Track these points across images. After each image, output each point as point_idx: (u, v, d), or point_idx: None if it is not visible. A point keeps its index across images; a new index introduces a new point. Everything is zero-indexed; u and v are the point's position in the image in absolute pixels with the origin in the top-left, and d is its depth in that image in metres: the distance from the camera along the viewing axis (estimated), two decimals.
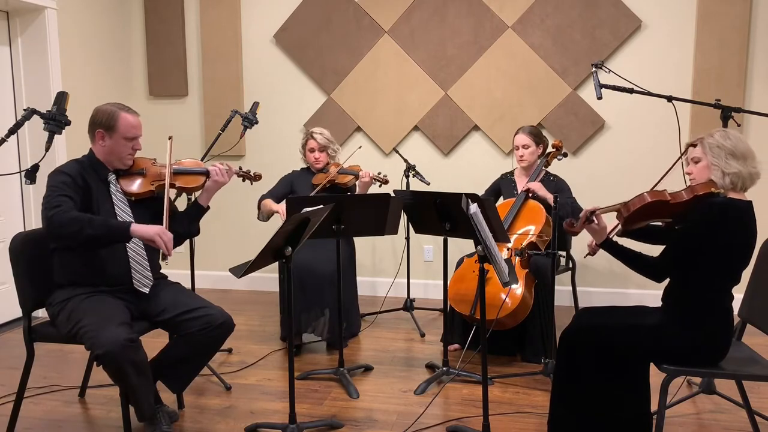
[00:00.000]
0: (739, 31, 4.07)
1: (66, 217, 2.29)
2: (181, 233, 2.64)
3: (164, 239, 2.35)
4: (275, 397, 2.97)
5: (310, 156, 3.80)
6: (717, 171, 2.19)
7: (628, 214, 2.27)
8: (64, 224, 2.29)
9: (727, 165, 2.17)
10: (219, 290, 4.89)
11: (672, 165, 2.37)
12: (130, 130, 2.51)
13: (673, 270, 2.23)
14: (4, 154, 4.00)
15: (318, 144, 3.76)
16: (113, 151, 2.52)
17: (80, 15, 4.42)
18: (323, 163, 3.79)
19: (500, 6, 4.39)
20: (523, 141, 3.62)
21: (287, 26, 4.71)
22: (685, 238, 2.19)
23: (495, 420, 2.67)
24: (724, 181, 2.18)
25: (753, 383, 2.90)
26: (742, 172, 2.17)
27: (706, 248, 2.13)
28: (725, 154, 2.17)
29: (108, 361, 2.22)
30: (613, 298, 4.35)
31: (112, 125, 2.48)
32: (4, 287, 4.03)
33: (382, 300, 4.53)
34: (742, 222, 2.15)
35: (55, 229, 2.30)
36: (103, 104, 2.55)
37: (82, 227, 2.29)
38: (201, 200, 2.72)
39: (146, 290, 2.54)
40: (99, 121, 2.50)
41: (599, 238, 2.35)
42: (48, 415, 2.79)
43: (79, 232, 2.29)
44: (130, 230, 2.34)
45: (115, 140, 2.50)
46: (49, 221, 2.30)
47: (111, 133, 2.49)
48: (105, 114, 2.49)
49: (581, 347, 2.25)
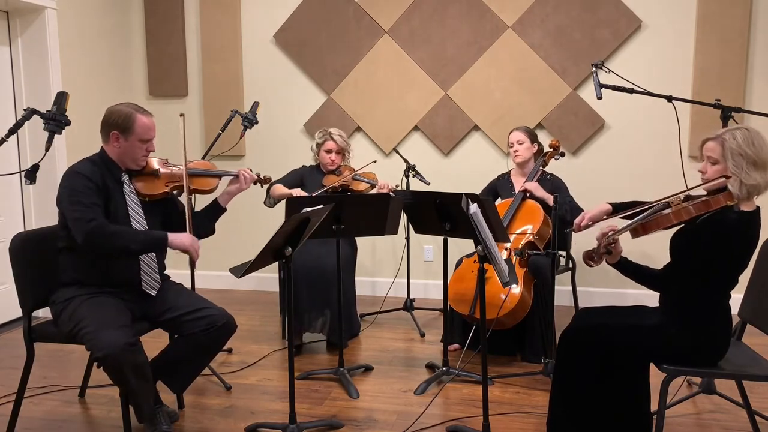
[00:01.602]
0: (740, 30, 4.07)
1: (107, 232, 2.32)
2: (200, 232, 2.67)
3: (196, 248, 2.46)
4: (275, 397, 2.97)
5: (325, 156, 3.77)
6: (735, 181, 2.07)
7: (645, 233, 2.19)
8: (105, 240, 2.32)
9: (747, 176, 2.05)
10: (219, 290, 4.89)
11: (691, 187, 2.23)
12: (146, 132, 2.49)
13: (678, 279, 2.22)
14: (4, 154, 4.00)
15: (337, 145, 3.74)
16: (128, 153, 2.50)
17: (80, 15, 4.42)
18: (337, 165, 3.79)
19: (500, 6, 4.39)
20: (517, 137, 3.64)
21: (287, 26, 4.71)
22: (695, 255, 2.15)
23: (495, 420, 2.67)
24: (741, 192, 2.07)
25: (753, 383, 2.89)
26: (760, 184, 2.07)
27: (716, 262, 2.11)
28: (747, 164, 2.05)
29: (108, 364, 2.23)
30: (613, 298, 4.35)
31: (128, 127, 2.46)
32: (4, 287, 4.03)
33: (382, 300, 4.53)
34: (752, 235, 2.13)
35: (96, 244, 2.32)
36: (117, 104, 2.52)
37: (124, 243, 2.34)
38: (221, 201, 2.73)
39: (153, 293, 2.54)
40: (114, 122, 2.46)
41: (613, 260, 2.31)
42: (48, 415, 2.79)
43: (120, 247, 2.34)
44: (168, 242, 2.40)
45: (131, 142, 2.48)
46: (88, 235, 2.30)
47: (126, 135, 2.47)
48: (120, 115, 2.46)
49: (581, 347, 2.25)
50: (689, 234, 2.21)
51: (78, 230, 2.32)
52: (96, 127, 2.55)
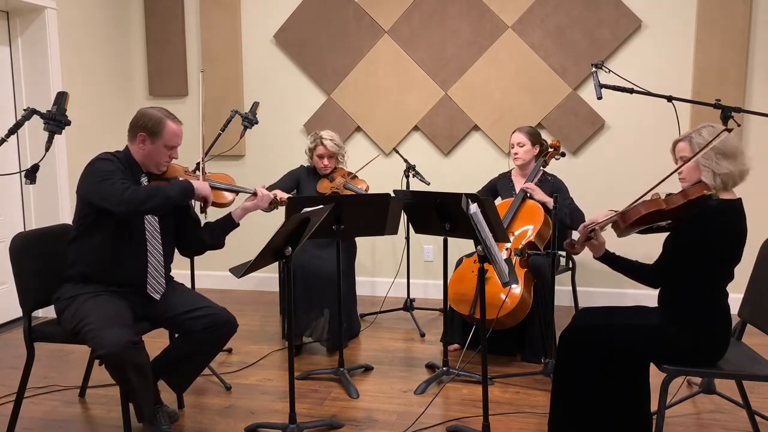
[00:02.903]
0: (740, 30, 4.07)
1: (142, 193, 2.35)
2: (208, 243, 2.69)
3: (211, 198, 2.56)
4: (275, 397, 2.97)
5: (318, 161, 3.73)
6: (708, 172, 2.15)
7: (625, 225, 2.25)
8: (144, 200, 2.34)
9: (717, 166, 2.13)
10: (219, 290, 4.89)
11: (670, 174, 2.26)
12: (173, 138, 2.52)
13: (670, 275, 2.23)
14: (4, 154, 4.00)
15: (328, 151, 3.68)
16: (152, 156, 2.52)
17: (80, 15, 4.42)
18: (330, 169, 3.76)
19: (500, 6, 4.39)
20: (518, 139, 3.63)
21: (287, 26, 4.71)
22: (680, 244, 2.18)
23: (495, 420, 2.67)
24: (715, 182, 2.15)
25: (753, 383, 2.89)
26: (733, 172, 2.14)
27: (701, 252, 2.13)
28: (715, 155, 2.13)
29: (110, 362, 2.23)
30: (613, 298, 4.35)
31: (157, 131, 2.48)
32: (4, 287, 4.03)
33: (382, 300, 4.53)
34: (735, 222, 2.15)
35: (136, 207, 2.34)
36: (149, 107, 2.56)
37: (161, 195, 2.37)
38: (235, 216, 2.71)
39: (158, 296, 2.54)
40: (144, 124, 2.48)
41: (598, 252, 2.31)
42: (48, 415, 2.79)
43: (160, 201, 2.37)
44: (194, 191, 2.48)
45: (157, 146, 2.50)
46: (128, 202, 2.31)
47: (154, 139, 2.48)
48: (152, 119, 2.49)
49: (581, 347, 2.25)
50: (677, 230, 2.23)
51: (115, 200, 2.32)
52: (96, 127, 2.57)
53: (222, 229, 2.72)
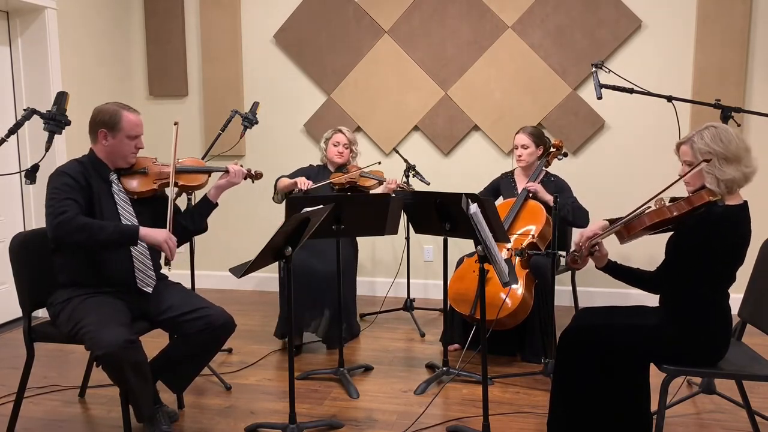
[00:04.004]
0: (740, 30, 4.07)
1: (74, 225, 2.29)
2: (190, 230, 2.67)
3: (170, 245, 2.40)
4: (275, 397, 2.97)
5: (333, 150, 3.82)
6: (711, 178, 2.11)
7: (629, 235, 2.22)
8: (72, 232, 2.29)
9: (721, 172, 2.09)
10: (219, 290, 4.89)
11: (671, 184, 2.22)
12: (133, 128, 2.52)
13: (672, 277, 2.22)
14: (4, 154, 4.00)
15: (346, 138, 3.82)
16: (116, 150, 2.52)
17: (80, 15, 4.42)
18: (345, 159, 3.82)
19: (500, 6, 4.39)
20: (522, 141, 3.62)
21: (287, 26, 4.71)
22: (683, 246, 2.17)
23: (495, 420, 2.67)
24: (719, 188, 2.11)
25: (753, 383, 2.89)
26: (736, 178, 2.10)
27: (704, 255, 2.12)
28: (718, 160, 2.09)
29: (108, 362, 2.23)
30: (613, 298, 4.34)
31: (115, 124, 2.48)
32: (4, 287, 4.03)
33: (382, 300, 4.53)
34: (739, 228, 2.13)
35: (63, 237, 2.31)
36: (104, 104, 2.55)
37: (90, 235, 2.30)
38: (211, 196, 2.71)
39: (149, 290, 2.53)
40: (101, 120, 2.49)
41: (601, 263, 2.30)
42: (48, 415, 2.79)
43: (86, 240, 2.31)
44: (139, 235, 2.36)
45: (119, 139, 2.50)
46: (56, 228, 2.30)
47: (114, 133, 2.49)
48: (107, 113, 2.49)
49: (581, 347, 2.25)
50: (680, 233, 2.22)
51: (48, 224, 2.33)
52: None
53: (201, 212, 2.70)
